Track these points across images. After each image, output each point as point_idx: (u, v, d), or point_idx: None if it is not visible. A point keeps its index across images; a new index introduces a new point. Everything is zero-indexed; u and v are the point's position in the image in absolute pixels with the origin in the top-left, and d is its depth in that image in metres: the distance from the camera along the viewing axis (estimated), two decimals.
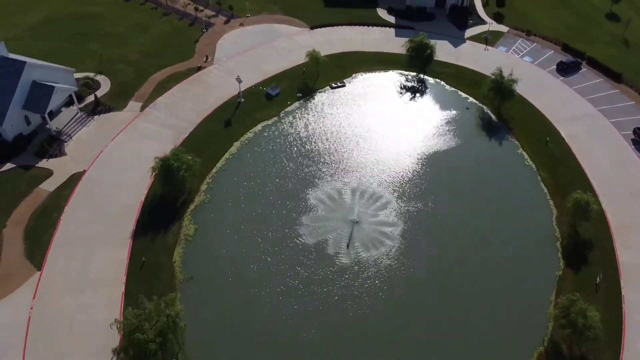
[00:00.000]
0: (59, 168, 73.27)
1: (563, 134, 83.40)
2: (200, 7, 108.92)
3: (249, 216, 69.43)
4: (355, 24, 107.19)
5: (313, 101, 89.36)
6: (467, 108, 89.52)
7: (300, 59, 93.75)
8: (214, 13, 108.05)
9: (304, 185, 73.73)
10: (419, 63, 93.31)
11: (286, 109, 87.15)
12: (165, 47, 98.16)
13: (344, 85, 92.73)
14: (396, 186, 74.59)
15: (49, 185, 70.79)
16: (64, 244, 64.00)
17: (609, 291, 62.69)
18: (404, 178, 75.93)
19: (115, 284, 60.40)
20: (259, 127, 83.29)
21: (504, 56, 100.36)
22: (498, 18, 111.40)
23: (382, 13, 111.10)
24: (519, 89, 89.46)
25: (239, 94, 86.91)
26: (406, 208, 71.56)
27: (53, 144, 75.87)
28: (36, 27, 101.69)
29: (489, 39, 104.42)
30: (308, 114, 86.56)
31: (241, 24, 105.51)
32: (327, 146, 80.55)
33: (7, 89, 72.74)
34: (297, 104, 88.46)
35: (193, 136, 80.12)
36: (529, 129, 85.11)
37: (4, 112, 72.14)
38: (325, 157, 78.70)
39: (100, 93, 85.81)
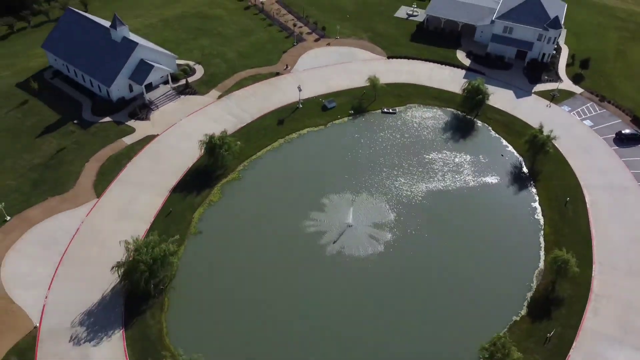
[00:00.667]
0: (140, 128, 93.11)
1: (587, 199, 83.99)
2: (299, 24, 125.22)
3: (267, 198, 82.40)
4: (430, 61, 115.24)
5: (361, 120, 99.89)
6: (502, 155, 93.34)
7: (365, 81, 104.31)
8: (309, 31, 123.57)
9: (322, 186, 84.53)
10: (470, 105, 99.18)
11: (335, 122, 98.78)
12: (258, 52, 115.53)
13: (394, 113, 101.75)
14: (400, 209, 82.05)
15: (128, 140, 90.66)
16: (122, 184, 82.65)
17: (558, 347, 64.64)
18: (411, 205, 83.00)
19: (145, 221, 77.10)
20: (305, 131, 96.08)
21: (563, 115, 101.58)
22: (577, 79, 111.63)
23: (461, 55, 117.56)
24: (564, 147, 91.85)
25: (299, 100, 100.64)
26: (400, 228, 78.99)
27: (143, 110, 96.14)
28: (168, 20, 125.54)
29: (556, 96, 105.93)
30: (352, 129, 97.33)
31: (328, 44, 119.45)
32: (356, 161, 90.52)
33: (120, 62, 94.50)
34: (346, 119, 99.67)
35: (249, 126, 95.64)
36: (554, 187, 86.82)
37: (113, 78, 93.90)
38: (351, 168, 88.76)
39: (192, 79, 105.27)
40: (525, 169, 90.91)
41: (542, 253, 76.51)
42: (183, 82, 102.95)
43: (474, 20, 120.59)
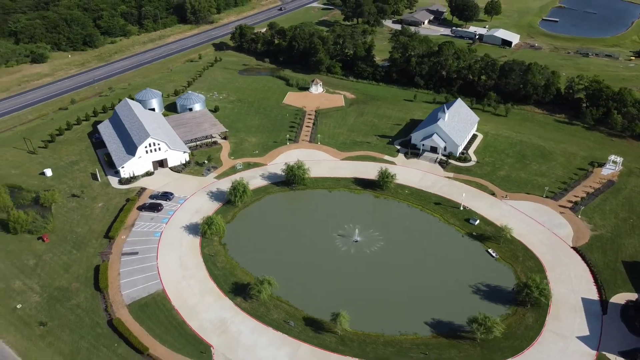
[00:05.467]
0: (396, 159, 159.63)
1: None
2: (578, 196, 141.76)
3: (345, 205, 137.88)
4: (593, 275, 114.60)
5: (467, 240, 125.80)
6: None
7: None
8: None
9: (373, 222, 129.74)
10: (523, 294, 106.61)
11: (456, 229, 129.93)
12: (517, 182, 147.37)
13: (493, 257, 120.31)
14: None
15: (386, 157, 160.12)
16: (349, 162, 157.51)
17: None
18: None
19: (342, 172, 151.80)
20: (437, 214, 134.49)
21: None
22: None
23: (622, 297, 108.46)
24: None
25: (461, 204, 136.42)
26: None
27: (412, 155, 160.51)
28: (520, 141, 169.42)
29: None
30: (452, 238, 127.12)
31: (564, 209, 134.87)
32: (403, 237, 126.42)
33: (425, 127, 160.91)
34: (463, 233, 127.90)
35: (423, 191, 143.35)
36: None
37: (417, 131, 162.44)
38: (393, 232, 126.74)
39: (459, 164, 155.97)
40: None
41: None
42: (444, 158, 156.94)
43: None
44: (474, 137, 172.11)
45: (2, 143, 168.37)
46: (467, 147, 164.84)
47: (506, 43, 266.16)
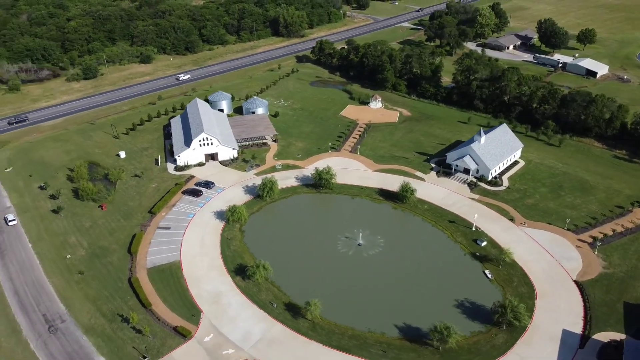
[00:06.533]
0: (427, 176, 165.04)
1: None
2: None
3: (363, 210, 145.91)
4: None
5: (468, 258, 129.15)
6: None
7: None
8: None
9: (378, 224, 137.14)
10: (503, 315, 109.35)
11: (460, 247, 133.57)
12: (538, 210, 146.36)
13: (488, 278, 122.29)
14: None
15: (418, 176, 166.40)
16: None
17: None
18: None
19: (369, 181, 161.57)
20: (448, 233, 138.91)
21: None
22: None
23: None
24: None
25: (473, 224, 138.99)
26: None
27: (443, 173, 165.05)
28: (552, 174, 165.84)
29: None
30: (453, 255, 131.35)
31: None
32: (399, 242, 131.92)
33: (471, 141, 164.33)
34: (466, 251, 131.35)
35: (442, 208, 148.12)
36: None
37: (457, 148, 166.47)
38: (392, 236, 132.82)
39: (492, 187, 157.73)
40: None
41: None
42: (474, 180, 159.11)
43: None
44: (515, 163, 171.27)
45: (97, 127, 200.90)
46: (503, 172, 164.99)
47: (591, 73, 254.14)
